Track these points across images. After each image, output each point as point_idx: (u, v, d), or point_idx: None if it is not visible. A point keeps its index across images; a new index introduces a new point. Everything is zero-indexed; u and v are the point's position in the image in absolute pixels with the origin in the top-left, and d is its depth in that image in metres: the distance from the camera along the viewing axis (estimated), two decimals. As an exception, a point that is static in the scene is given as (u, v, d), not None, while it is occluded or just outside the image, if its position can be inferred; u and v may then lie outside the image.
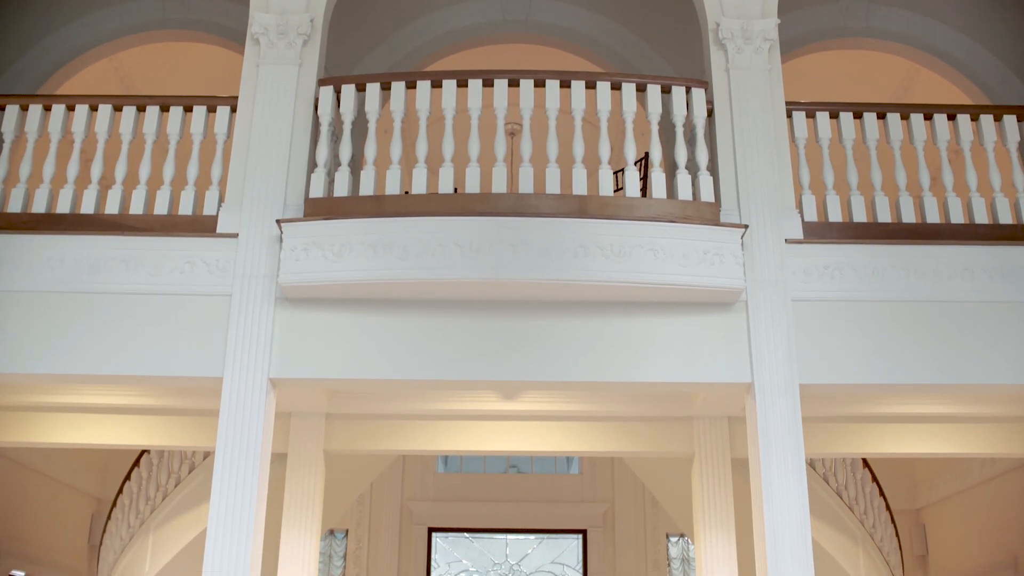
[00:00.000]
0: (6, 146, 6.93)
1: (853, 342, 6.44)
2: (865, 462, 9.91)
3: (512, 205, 6.39)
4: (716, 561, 8.13)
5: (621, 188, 7.06)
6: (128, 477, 9.89)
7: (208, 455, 9.31)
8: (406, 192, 6.69)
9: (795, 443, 6.18)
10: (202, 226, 6.67)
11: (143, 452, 9.76)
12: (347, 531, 12.63)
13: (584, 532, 12.68)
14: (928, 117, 6.98)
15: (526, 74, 6.74)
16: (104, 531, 10.03)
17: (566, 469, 13.16)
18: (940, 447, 8.80)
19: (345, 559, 12.54)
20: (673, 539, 12.70)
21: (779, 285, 6.45)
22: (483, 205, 6.38)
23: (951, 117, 7.00)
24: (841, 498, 9.57)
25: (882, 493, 10.07)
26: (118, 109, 6.94)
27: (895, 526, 10.18)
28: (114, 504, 9.96)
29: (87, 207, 6.75)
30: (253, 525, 5.99)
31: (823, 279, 6.55)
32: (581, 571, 12.60)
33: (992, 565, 10.89)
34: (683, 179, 6.65)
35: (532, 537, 12.76)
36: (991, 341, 6.44)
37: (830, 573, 8.92)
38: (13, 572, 10.92)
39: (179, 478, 9.54)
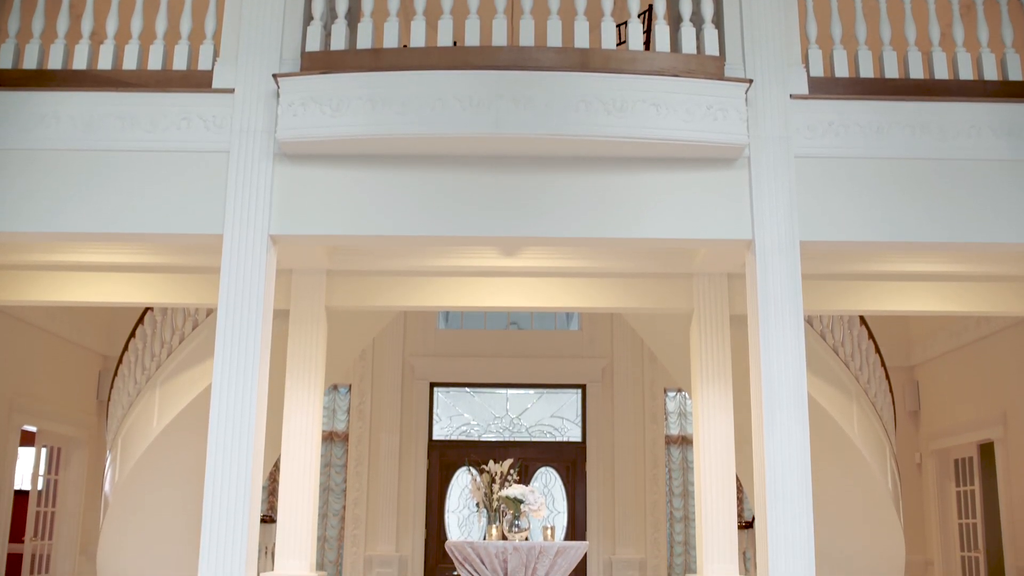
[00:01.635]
0: (-7, 0, 6.77)
1: (855, 199, 6.42)
2: (862, 319, 10.00)
3: (513, 59, 6.28)
4: (713, 415, 8.29)
5: (624, 41, 6.91)
6: (133, 335, 9.99)
7: (211, 312, 9.39)
8: (404, 46, 6.56)
9: (794, 300, 6.24)
10: (198, 81, 6.58)
11: (147, 310, 9.84)
12: (350, 386, 12.86)
13: (583, 387, 12.90)
14: (941, -33, 6.80)
15: (528, -80, 6.52)
16: (111, 387, 10.20)
17: (566, 325, 13.31)
18: (937, 305, 8.86)
19: (349, 413, 12.81)
20: (671, 394, 12.94)
21: (782, 141, 6.40)
22: (483, 59, 6.27)
23: (965, -32, 6.82)
24: (837, 354, 9.69)
25: (878, 350, 10.19)
26: (106, -41, 6.75)
27: (889, 382, 10.33)
28: (120, 361, 10.09)
29: (79, 63, 6.64)
30: (257, 380, 6.10)
31: (827, 136, 6.50)
32: (580, 425, 12.87)
33: (982, 420, 11.13)
34: (687, 32, 6.51)
35: (532, 392, 12.99)
36: (993, 200, 6.43)
37: (824, 427, 9.11)
38: (25, 427, 11.17)
39: (183, 335, 9.63)
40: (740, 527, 11.02)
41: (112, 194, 6.38)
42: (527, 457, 12.46)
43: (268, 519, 10.78)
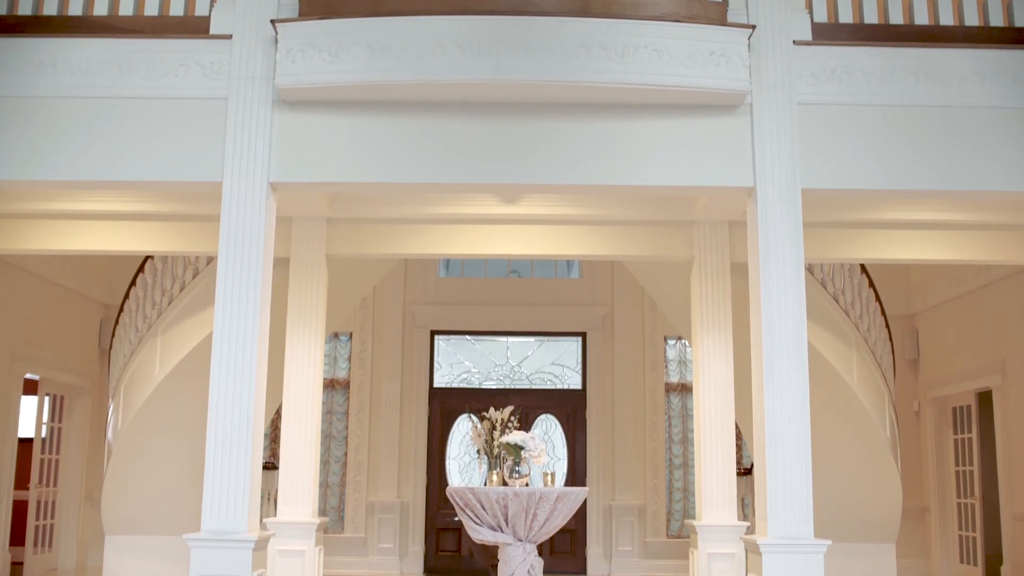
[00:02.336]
0: (-15, -56, 6.67)
1: (858, 147, 6.39)
2: (863, 268, 10.00)
3: (513, 3, 6.21)
4: (713, 362, 8.32)
5: (626, -14, 6.82)
6: (133, 283, 10.00)
7: (212, 260, 9.39)
8: (404, -10, 6.47)
9: (795, 247, 6.23)
10: (195, 27, 6.52)
11: (147, 258, 9.83)
12: (351, 334, 12.90)
13: (584, 335, 12.93)
14: (948, -90, 6.70)
15: None
16: (113, 336, 10.22)
17: (566, 273, 13.31)
18: (938, 253, 8.86)
19: (350, 361, 12.86)
20: (671, 342, 12.97)
21: (785, 88, 6.36)
22: (483, 4, 6.20)
23: (972, -90, 6.71)
24: (838, 303, 9.70)
25: (878, 298, 10.19)
26: (98, -100, 6.64)
27: (889, 331, 10.35)
28: (121, 310, 10.11)
29: (75, 8, 6.58)
30: (258, 327, 6.11)
31: (830, 82, 6.46)
32: (580, 372, 12.93)
33: (981, 368, 11.17)
34: (690, -24, 6.43)
35: (532, 339, 13.02)
36: (997, 148, 6.40)
37: (824, 375, 9.14)
38: (27, 375, 11.22)
39: (184, 283, 9.64)
40: (739, 474, 11.11)
41: (110, 142, 6.35)
42: (527, 404, 12.52)
43: (270, 466, 10.86)
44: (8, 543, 10.86)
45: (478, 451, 7.83)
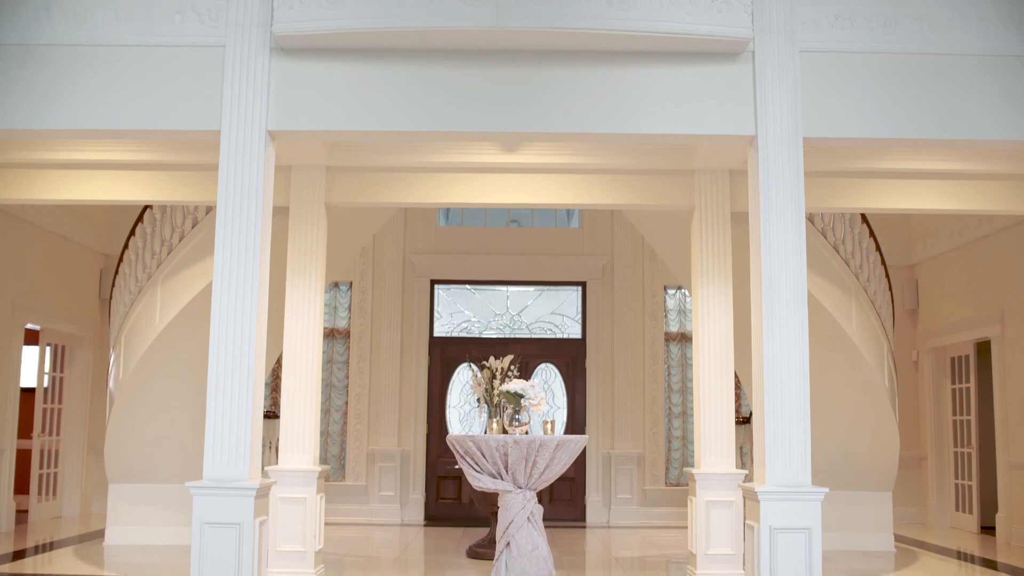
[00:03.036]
0: None
1: (859, 95, 6.34)
2: (864, 217, 9.98)
3: (513, -51, 6.12)
4: (713, 312, 8.32)
5: (627, -69, 6.73)
6: (133, 233, 9.98)
7: (211, 209, 9.36)
8: (402, -65, 6.38)
9: (796, 196, 6.20)
10: (191, -28, 6.42)
11: (147, 208, 9.81)
12: (351, 283, 12.91)
13: (584, 284, 12.95)
14: None
15: None
16: (113, 286, 10.23)
17: (566, 223, 13.29)
18: (939, 203, 8.82)
19: (350, 310, 12.89)
20: (671, 291, 12.99)
21: (787, 35, 6.29)
22: (483, -51, 6.11)
23: None
24: (838, 252, 9.68)
25: (878, 248, 10.18)
26: None
27: (888, 281, 10.36)
28: (121, 259, 10.10)
29: (70, -47, 6.47)
30: (257, 277, 6.10)
31: (833, 29, 6.38)
32: (580, 322, 12.95)
33: (980, 318, 11.19)
34: (692, -79, 6.33)
35: (532, 289, 13.04)
36: (999, 96, 6.34)
37: (823, 324, 9.15)
38: (28, 325, 11.24)
39: (183, 232, 9.62)
40: (737, 422, 11.18)
41: (107, 90, 6.30)
42: (527, 353, 12.57)
43: (271, 415, 10.93)
44: (13, 491, 10.97)
45: (478, 400, 7.87)
